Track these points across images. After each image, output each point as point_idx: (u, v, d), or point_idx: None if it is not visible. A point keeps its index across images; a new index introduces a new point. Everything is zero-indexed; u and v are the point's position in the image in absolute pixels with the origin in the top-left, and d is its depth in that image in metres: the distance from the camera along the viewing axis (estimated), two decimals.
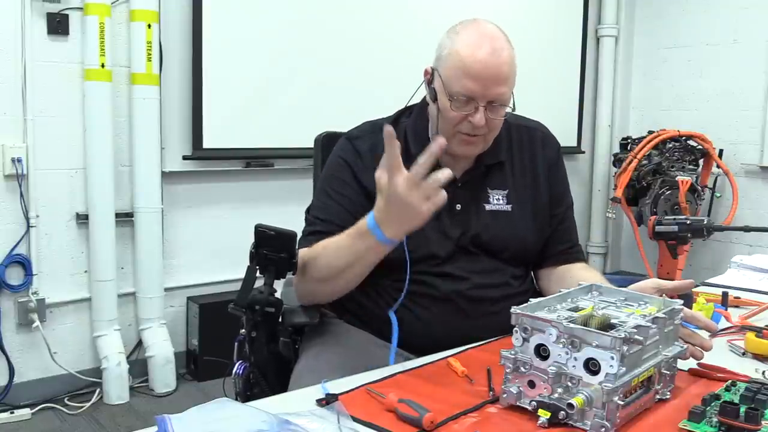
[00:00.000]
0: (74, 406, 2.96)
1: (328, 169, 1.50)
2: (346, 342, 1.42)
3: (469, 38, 1.35)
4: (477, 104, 1.33)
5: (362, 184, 1.43)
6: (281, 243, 1.51)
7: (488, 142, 1.43)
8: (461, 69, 1.32)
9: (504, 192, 1.48)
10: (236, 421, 0.88)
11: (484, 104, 1.33)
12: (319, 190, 1.50)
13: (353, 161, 1.45)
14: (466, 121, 1.35)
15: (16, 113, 2.86)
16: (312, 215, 1.48)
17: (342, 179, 1.45)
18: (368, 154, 1.44)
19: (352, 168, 1.45)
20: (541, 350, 0.98)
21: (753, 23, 4.37)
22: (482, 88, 1.32)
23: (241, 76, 3.34)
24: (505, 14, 4.04)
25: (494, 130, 1.41)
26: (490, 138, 1.42)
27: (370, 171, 1.41)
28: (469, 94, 1.33)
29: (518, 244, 1.47)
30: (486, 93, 1.33)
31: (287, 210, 2.67)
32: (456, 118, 1.36)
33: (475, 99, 1.33)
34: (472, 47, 1.33)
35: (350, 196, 1.43)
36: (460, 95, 1.33)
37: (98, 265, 3.04)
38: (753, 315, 1.56)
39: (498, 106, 1.36)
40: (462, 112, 1.35)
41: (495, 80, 1.33)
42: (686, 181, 4.19)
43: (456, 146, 1.40)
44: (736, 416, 0.92)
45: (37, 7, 2.87)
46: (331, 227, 1.41)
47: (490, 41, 1.34)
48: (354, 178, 1.44)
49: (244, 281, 1.49)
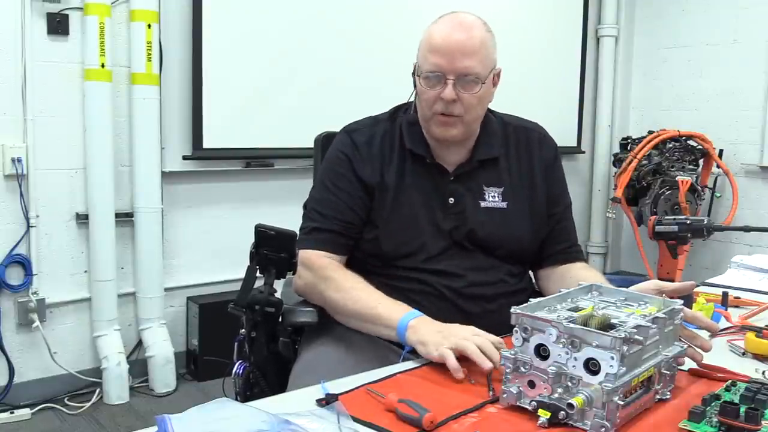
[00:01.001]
0: (74, 406, 2.96)
1: (328, 162, 1.52)
2: (345, 342, 1.42)
3: (441, 24, 1.41)
4: (446, 78, 1.36)
5: (360, 177, 1.45)
6: (281, 243, 1.52)
7: (468, 125, 1.44)
8: (429, 47, 1.38)
9: (499, 189, 1.48)
10: (236, 421, 0.88)
11: (453, 78, 1.36)
12: (319, 183, 1.52)
13: (351, 154, 1.47)
14: (439, 99, 1.38)
15: (16, 113, 2.86)
16: (311, 208, 1.49)
17: (341, 173, 1.47)
18: (365, 146, 1.47)
19: (350, 161, 1.47)
20: (541, 350, 0.98)
21: (753, 23, 4.37)
22: (448, 61, 1.36)
23: (241, 76, 3.34)
24: (505, 14, 4.05)
25: (470, 111, 1.41)
26: (469, 119, 1.43)
27: (367, 163, 1.45)
28: (436, 69, 1.37)
29: (514, 242, 1.48)
30: (452, 66, 1.36)
31: (287, 210, 2.66)
32: (430, 98, 1.39)
33: (443, 73, 1.36)
34: (441, 28, 1.39)
35: (349, 191, 1.45)
36: (429, 72, 1.37)
37: (98, 265, 3.04)
38: (753, 315, 1.55)
39: (469, 81, 1.37)
40: (434, 90, 1.38)
41: (460, 52, 1.36)
42: (686, 181, 4.19)
43: (434, 128, 1.43)
44: (736, 416, 0.92)
45: (37, 7, 2.87)
46: (330, 223, 1.44)
47: (459, 23, 1.39)
48: (352, 171, 1.46)
49: (244, 281, 1.50)
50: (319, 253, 1.44)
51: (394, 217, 1.44)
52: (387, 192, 1.45)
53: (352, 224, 1.45)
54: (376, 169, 1.46)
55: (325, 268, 1.41)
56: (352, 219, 1.45)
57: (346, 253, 1.47)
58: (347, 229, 1.45)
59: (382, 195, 1.45)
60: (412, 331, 1.22)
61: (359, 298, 1.34)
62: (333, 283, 1.38)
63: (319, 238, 1.45)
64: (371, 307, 1.31)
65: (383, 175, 1.45)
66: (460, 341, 1.14)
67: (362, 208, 1.45)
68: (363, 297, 1.34)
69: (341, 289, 1.37)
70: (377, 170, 1.45)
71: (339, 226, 1.45)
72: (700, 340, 1.16)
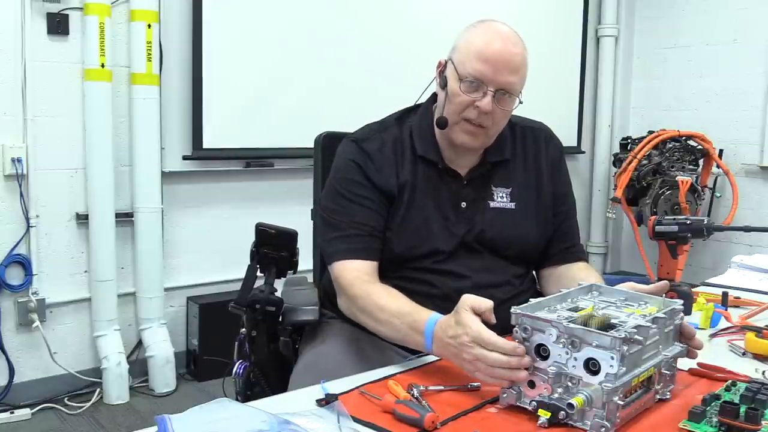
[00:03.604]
0: (74, 406, 2.96)
1: (339, 172, 1.47)
2: (345, 342, 1.42)
3: (486, 31, 1.38)
4: (486, 89, 1.35)
5: (374, 183, 1.42)
6: (282, 242, 1.51)
7: (489, 138, 1.43)
8: (475, 53, 1.35)
9: (508, 190, 1.48)
10: (236, 421, 0.88)
11: (493, 90, 1.35)
12: (335, 195, 1.45)
13: (363, 162, 1.43)
14: (472, 106, 1.36)
15: (16, 113, 2.86)
16: (336, 219, 1.43)
17: (357, 181, 1.43)
18: (377, 153, 1.44)
19: (362, 169, 1.43)
20: (541, 350, 0.98)
21: (753, 23, 4.37)
22: (493, 72, 1.34)
23: (241, 76, 3.33)
24: (505, 14, 4.04)
25: (497, 124, 1.41)
26: (493, 132, 1.42)
27: (379, 170, 1.42)
28: (480, 76, 1.34)
29: (521, 242, 1.48)
30: (496, 78, 1.34)
31: (287, 210, 2.68)
32: (464, 102, 1.37)
33: (484, 83, 1.35)
34: (488, 37, 1.37)
35: (369, 196, 1.42)
36: (471, 77, 1.35)
37: (98, 265, 3.04)
38: (753, 315, 1.56)
39: (506, 96, 1.37)
40: (470, 96, 1.36)
41: (506, 67, 1.35)
42: (686, 181, 4.19)
43: (458, 134, 1.40)
44: (736, 416, 0.92)
45: (37, 7, 2.87)
46: (354, 229, 1.40)
47: (505, 35, 1.38)
48: (366, 178, 1.43)
49: (245, 280, 1.49)
50: (349, 267, 1.39)
51: (406, 222, 1.42)
52: (401, 197, 1.43)
53: (374, 227, 1.41)
54: (390, 175, 1.43)
55: (351, 284, 1.36)
56: (379, 222, 1.41)
57: (378, 256, 1.42)
58: (376, 232, 1.41)
59: (396, 200, 1.43)
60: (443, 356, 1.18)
61: (384, 322, 1.29)
62: (360, 302, 1.33)
63: (349, 247, 1.40)
64: (395, 332, 1.27)
65: (396, 180, 1.43)
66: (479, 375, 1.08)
67: (384, 213, 1.42)
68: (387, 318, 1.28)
69: (366, 310, 1.32)
70: (391, 176, 1.43)
71: (368, 230, 1.40)
72: (696, 341, 1.15)
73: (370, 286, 1.35)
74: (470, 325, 1.07)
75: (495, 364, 1.02)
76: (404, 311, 1.25)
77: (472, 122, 1.38)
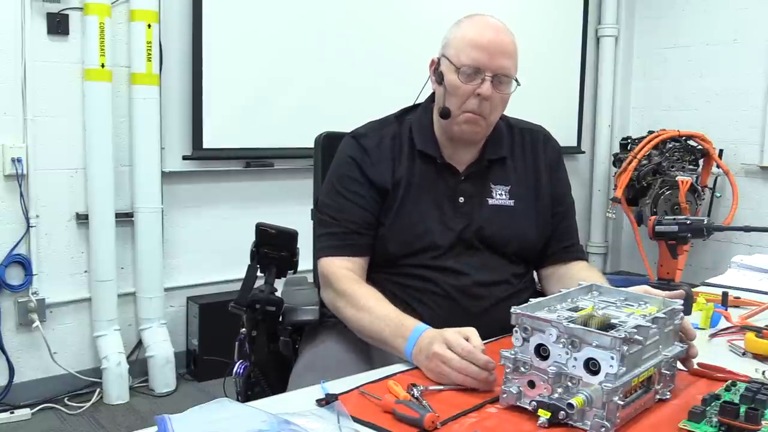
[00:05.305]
0: (74, 406, 2.96)
1: (337, 168, 1.50)
2: (345, 342, 1.42)
3: (477, 23, 1.43)
4: (484, 75, 1.38)
5: (371, 180, 1.45)
6: (282, 242, 1.51)
7: (489, 126, 1.46)
8: (469, 43, 1.40)
9: (506, 187, 1.49)
10: (236, 421, 0.88)
11: (491, 76, 1.39)
12: (330, 190, 1.49)
13: (360, 158, 1.46)
14: (473, 96, 1.39)
15: (16, 113, 2.86)
16: (326, 215, 1.47)
17: (352, 177, 1.46)
18: (375, 149, 1.47)
19: (360, 165, 1.46)
20: (541, 350, 0.98)
21: (753, 23, 4.37)
22: (489, 58, 1.38)
23: (241, 76, 3.33)
24: (505, 14, 4.03)
25: (495, 111, 1.44)
26: (492, 120, 1.45)
27: (377, 166, 1.45)
28: (477, 64, 1.38)
29: (520, 240, 1.48)
30: (492, 63, 1.38)
31: (287, 210, 2.68)
32: (466, 92, 1.40)
33: (482, 70, 1.38)
34: (479, 27, 1.42)
35: (363, 194, 1.45)
36: (468, 66, 1.39)
37: (98, 265, 3.04)
38: (753, 315, 1.56)
39: (503, 80, 1.40)
40: (470, 84, 1.39)
41: (501, 52, 1.39)
42: (686, 181, 4.19)
43: (462, 126, 1.43)
44: (736, 416, 0.92)
45: (37, 7, 2.87)
46: (346, 226, 1.44)
47: (495, 25, 1.43)
48: (363, 174, 1.45)
49: (245, 279, 1.50)
50: (336, 263, 1.42)
51: (403, 217, 1.44)
52: (397, 192, 1.44)
53: (367, 224, 1.44)
54: (386, 171, 1.45)
55: (339, 280, 1.39)
56: (367, 219, 1.44)
57: (366, 252, 1.45)
58: (363, 229, 1.44)
59: (392, 195, 1.45)
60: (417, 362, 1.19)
61: (369, 321, 1.31)
62: (347, 299, 1.36)
63: (335, 244, 1.44)
64: (379, 331, 1.29)
65: (393, 176, 1.45)
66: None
67: (375, 209, 1.45)
68: (372, 319, 1.31)
69: (354, 305, 1.35)
70: (387, 172, 1.45)
71: (355, 226, 1.43)
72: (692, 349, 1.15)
73: (357, 285, 1.38)
74: (453, 340, 1.11)
75: (462, 371, 1.07)
76: (391, 316, 1.28)
77: (473, 112, 1.41)
